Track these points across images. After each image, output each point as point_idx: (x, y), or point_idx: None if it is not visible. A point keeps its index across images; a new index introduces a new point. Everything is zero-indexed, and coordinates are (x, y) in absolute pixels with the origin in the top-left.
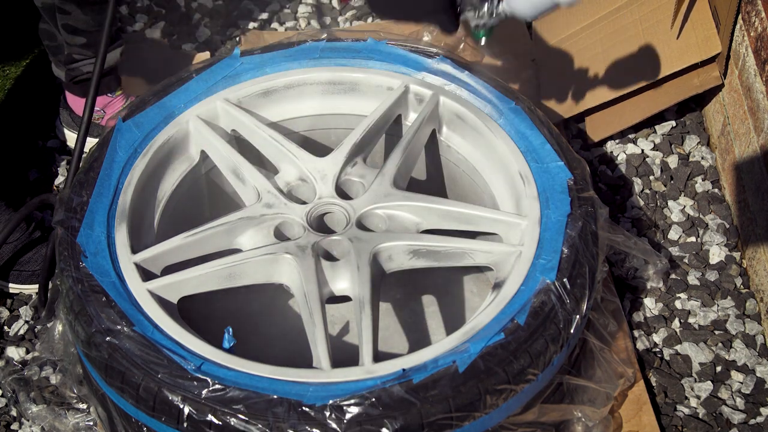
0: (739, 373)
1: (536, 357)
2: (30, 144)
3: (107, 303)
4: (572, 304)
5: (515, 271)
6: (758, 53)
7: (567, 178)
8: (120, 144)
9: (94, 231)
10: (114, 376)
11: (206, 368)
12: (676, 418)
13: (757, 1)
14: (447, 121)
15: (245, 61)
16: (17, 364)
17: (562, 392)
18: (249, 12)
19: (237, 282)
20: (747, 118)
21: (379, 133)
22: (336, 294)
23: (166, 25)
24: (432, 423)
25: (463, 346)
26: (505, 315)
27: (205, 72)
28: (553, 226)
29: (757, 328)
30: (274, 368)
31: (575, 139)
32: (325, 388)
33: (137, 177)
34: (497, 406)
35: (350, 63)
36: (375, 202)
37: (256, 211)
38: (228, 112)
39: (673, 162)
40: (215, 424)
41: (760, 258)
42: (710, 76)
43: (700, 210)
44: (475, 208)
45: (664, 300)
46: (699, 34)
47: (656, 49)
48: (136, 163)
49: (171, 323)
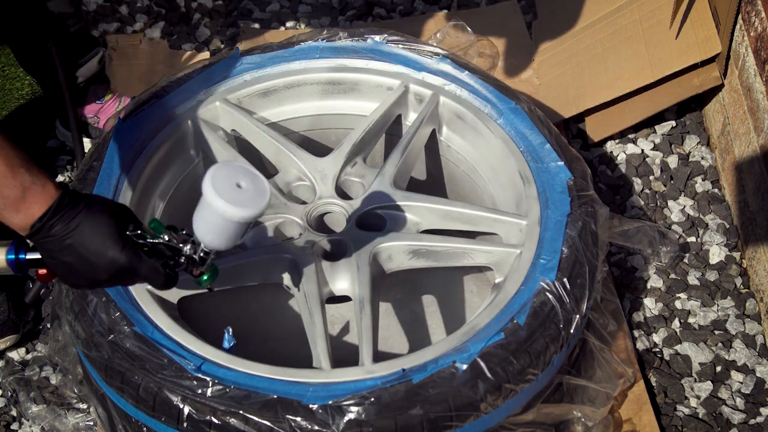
0: (739, 373)
1: (536, 357)
2: (30, 144)
3: (107, 303)
4: (572, 304)
5: (515, 271)
6: (758, 53)
7: (567, 178)
8: (120, 144)
9: None
10: (114, 376)
11: (206, 368)
12: (676, 418)
13: (757, 1)
14: (447, 121)
15: (245, 61)
16: (17, 364)
17: (562, 392)
18: (249, 12)
19: (237, 282)
20: (747, 118)
21: (379, 133)
22: (336, 294)
23: (166, 25)
24: (432, 423)
25: (463, 346)
26: (505, 315)
27: (205, 72)
28: (553, 226)
29: (757, 328)
30: (273, 368)
31: (575, 139)
32: (325, 388)
33: (137, 177)
34: (497, 406)
35: (350, 63)
36: (375, 202)
37: None
38: (228, 112)
39: (673, 162)
40: (215, 424)
41: (760, 258)
42: (710, 76)
43: (700, 210)
44: (475, 208)
45: (664, 300)
46: (699, 34)
47: (656, 49)
48: (136, 164)
49: (171, 323)
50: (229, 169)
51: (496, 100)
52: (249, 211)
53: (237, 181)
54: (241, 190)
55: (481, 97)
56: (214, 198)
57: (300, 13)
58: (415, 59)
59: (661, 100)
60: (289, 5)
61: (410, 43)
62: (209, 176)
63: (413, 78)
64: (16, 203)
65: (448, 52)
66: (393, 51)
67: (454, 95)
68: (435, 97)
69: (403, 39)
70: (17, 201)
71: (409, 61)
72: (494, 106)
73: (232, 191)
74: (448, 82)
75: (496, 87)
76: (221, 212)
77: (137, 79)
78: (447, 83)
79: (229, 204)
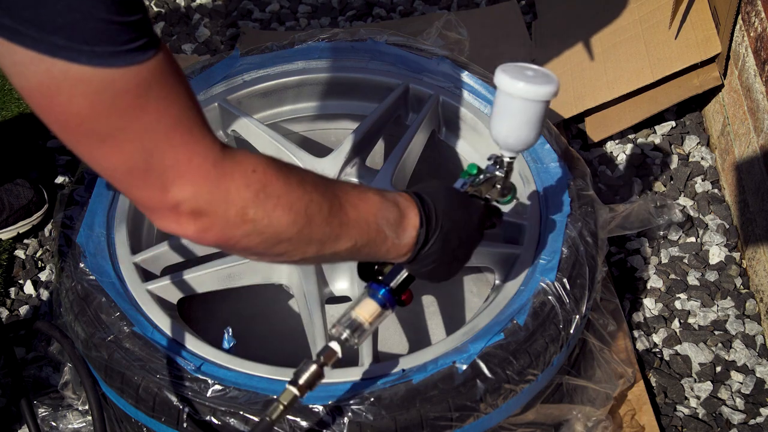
0: (738, 374)
1: (536, 357)
2: (30, 144)
3: (107, 303)
4: (572, 304)
5: (515, 271)
6: (758, 53)
7: (567, 178)
8: None
9: (93, 231)
10: (114, 376)
11: (206, 368)
12: (676, 418)
13: (757, 2)
14: (447, 121)
15: (245, 61)
16: None
17: (562, 392)
18: (249, 12)
19: (237, 282)
20: (747, 119)
21: (379, 133)
22: (336, 294)
23: (166, 25)
24: (432, 423)
25: (463, 346)
26: (505, 315)
27: (204, 72)
28: (553, 226)
29: (757, 329)
30: (273, 368)
31: (575, 139)
32: (324, 389)
33: None
34: (497, 406)
35: (350, 63)
36: None
37: None
38: (228, 112)
39: (673, 162)
40: (215, 424)
41: (759, 258)
42: (710, 76)
43: (700, 210)
44: None
45: (664, 300)
46: (699, 35)
47: (656, 50)
48: None
49: (171, 323)
50: (514, 65)
51: None
52: (549, 87)
53: (524, 71)
54: (531, 76)
55: (481, 97)
56: (513, 83)
57: (300, 13)
58: (414, 59)
59: (661, 100)
60: (289, 5)
61: (410, 43)
62: (500, 70)
63: (413, 78)
64: (399, 222)
65: (448, 53)
66: (393, 51)
67: (454, 95)
68: (435, 98)
69: (403, 39)
70: (398, 220)
71: (409, 62)
72: None
73: (524, 77)
74: (448, 82)
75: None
76: (523, 94)
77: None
78: (447, 83)
79: (530, 84)
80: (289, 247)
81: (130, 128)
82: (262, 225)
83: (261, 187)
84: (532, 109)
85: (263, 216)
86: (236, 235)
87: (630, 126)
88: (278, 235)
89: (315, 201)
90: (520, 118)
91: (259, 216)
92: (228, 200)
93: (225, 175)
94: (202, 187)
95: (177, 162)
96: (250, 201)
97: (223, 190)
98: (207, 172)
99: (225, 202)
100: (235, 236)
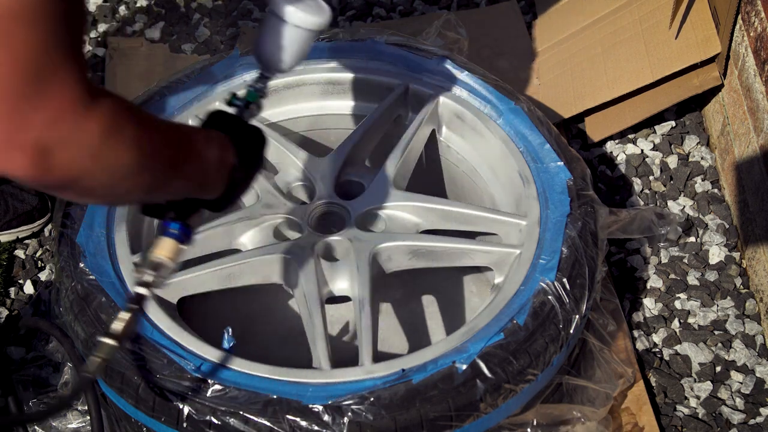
0: (738, 374)
1: (536, 357)
2: None
3: (107, 303)
4: (572, 304)
5: (515, 271)
6: (758, 53)
7: (567, 178)
8: None
9: (93, 231)
10: (113, 376)
11: (206, 368)
12: (676, 418)
13: (757, 1)
14: (447, 121)
15: (245, 61)
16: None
17: (562, 392)
18: (249, 12)
19: (236, 282)
20: (747, 119)
21: (379, 133)
22: (336, 294)
23: (166, 25)
24: (432, 423)
25: (463, 346)
26: (505, 315)
27: (204, 72)
28: (552, 227)
29: (757, 328)
30: (273, 368)
31: (575, 139)
32: (324, 389)
33: None
34: (497, 406)
35: (350, 63)
36: (374, 202)
37: (256, 212)
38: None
39: (672, 162)
40: (215, 424)
41: (759, 258)
42: (710, 76)
43: (700, 210)
44: (475, 208)
45: (664, 300)
46: (698, 35)
47: (656, 50)
48: None
49: (170, 323)
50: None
51: (496, 100)
52: (321, 17)
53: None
54: (306, 4)
55: (481, 97)
56: (286, 6)
57: None
58: (414, 59)
59: (661, 100)
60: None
61: (410, 43)
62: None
63: (413, 78)
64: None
65: (448, 53)
66: (393, 51)
67: (453, 95)
68: (435, 98)
69: (402, 39)
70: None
71: (408, 62)
72: (494, 106)
73: (298, 3)
74: (448, 82)
75: (495, 87)
76: (295, 20)
77: (137, 79)
78: (447, 83)
79: (300, 11)
80: (130, 187)
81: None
82: (110, 165)
83: (117, 129)
84: (301, 37)
85: (114, 157)
86: (82, 175)
87: (630, 126)
88: (124, 176)
89: (163, 142)
90: (289, 41)
91: (110, 157)
92: (80, 141)
93: (85, 115)
94: (60, 124)
95: (36, 93)
96: (102, 141)
97: (80, 130)
98: (68, 110)
99: (77, 142)
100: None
